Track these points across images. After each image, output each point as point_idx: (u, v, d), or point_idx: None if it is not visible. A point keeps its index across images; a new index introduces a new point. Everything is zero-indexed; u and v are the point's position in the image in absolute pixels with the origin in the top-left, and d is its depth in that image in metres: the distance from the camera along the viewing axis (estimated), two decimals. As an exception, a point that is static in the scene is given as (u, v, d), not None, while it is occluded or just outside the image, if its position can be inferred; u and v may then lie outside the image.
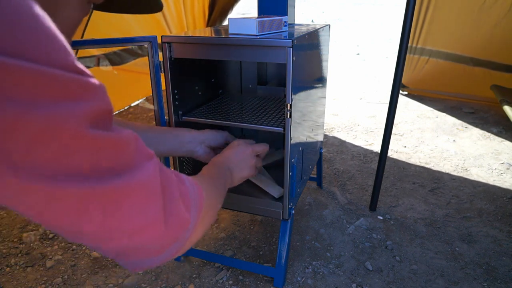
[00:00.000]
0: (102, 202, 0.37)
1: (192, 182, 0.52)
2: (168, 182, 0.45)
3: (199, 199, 0.52)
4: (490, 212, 1.73)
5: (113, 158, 0.37)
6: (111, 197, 0.37)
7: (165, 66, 1.18)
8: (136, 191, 0.39)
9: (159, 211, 0.42)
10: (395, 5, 12.94)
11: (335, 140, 2.57)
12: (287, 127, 1.11)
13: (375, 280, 1.34)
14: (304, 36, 1.14)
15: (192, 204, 0.49)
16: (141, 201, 0.40)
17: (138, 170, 0.40)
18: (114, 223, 0.39)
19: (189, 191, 0.50)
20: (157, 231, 0.43)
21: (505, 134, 2.64)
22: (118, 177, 0.37)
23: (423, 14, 3.10)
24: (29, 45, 0.30)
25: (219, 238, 1.56)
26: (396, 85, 1.48)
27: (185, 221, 0.47)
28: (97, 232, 0.38)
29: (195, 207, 0.50)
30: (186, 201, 0.48)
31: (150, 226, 0.42)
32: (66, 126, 0.32)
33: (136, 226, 0.40)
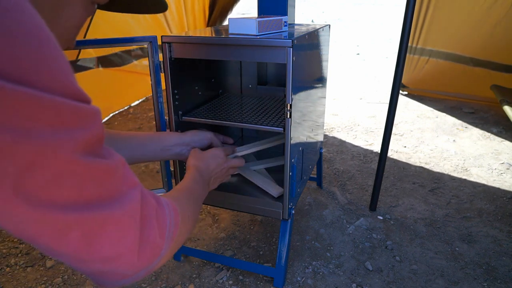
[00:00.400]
0: (83, 229, 0.37)
1: (169, 205, 0.53)
2: (148, 209, 0.46)
3: (175, 223, 0.53)
4: (490, 212, 1.73)
5: (100, 186, 0.38)
6: (93, 225, 0.38)
7: (165, 66, 1.18)
8: (117, 221, 0.40)
9: (135, 241, 0.43)
10: (395, 5, 12.94)
11: (335, 140, 2.57)
12: (287, 127, 1.11)
13: (375, 280, 1.34)
14: (304, 36, 1.14)
15: (167, 230, 0.50)
16: (120, 231, 0.41)
17: (122, 200, 0.40)
18: (91, 249, 0.39)
19: (166, 216, 0.50)
20: (131, 259, 0.43)
21: (505, 134, 2.64)
22: (102, 206, 0.38)
23: (423, 14, 3.10)
24: (31, 70, 0.30)
25: (219, 238, 1.56)
26: (396, 85, 1.48)
27: (158, 249, 0.48)
28: (74, 255, 0.39)
29: (170, 233, 0.51)
30: (161, 227, 0.49)
31: (125, 255, 0.42)
32: (59, 155, 0.32)
33: (112, 254, 0.41)
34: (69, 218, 0.35)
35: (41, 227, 0.35)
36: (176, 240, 0.54)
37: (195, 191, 0.81)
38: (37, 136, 0.30)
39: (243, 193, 1.34)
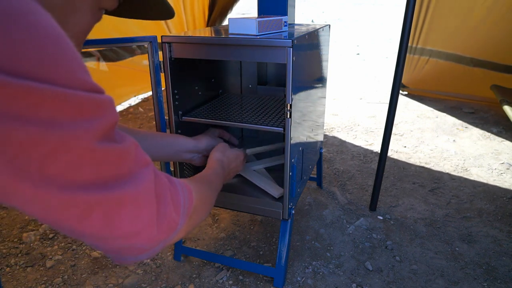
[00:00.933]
0: (103, 208, 0.40)
1: (182, 185, 0.56)
2: (161, 187, 0.48)
3: (188, 201, 0.56)
4: (490, 212, 1.73)
5: (116, 168, 0.40)
6: (112, 204, 0.40)
7: (165, 66, 1.18)
8: (134, 199, 0.43)
9: (153, 216, 0.46)
10: (395, 5, 12.94)
11: (335, 140, 2.57)
12: (287, 127, 1.11)
13: (375, 280, 1.34)
14: (304, 36, 1.14)
15: (182, 206, 0.52)
16: (137, 208, 0.43)
17: (136, 179, 0.43)
18: (113, 227, 0.42)
19: (180, 194, 0.53)
20: (150, 234, 0.46)
21: (505, 134, 2.64)
22: (119, 185, 0.41)
23: (423, 14, 3.10)
24: (51, 68, 0.33)
25: (219, 238, 1.56)
26: (396, 85, 1.48)
27: (174, 223, 0.50)
28: (96, 234, 0.42)
29: (185, 209, 0.54)
30: (176, 204, 0.51)
31: (144, 229, 0.45)
32: (79, 143, 0.35)
33: (132, 230, 0.44)
34: (91, 199, 0.38)
35: (66, 209, 0.37)
36: (191, 217, 0.57)
37: (213, 181, 0.85)
38: (59, 128, 0.34)
39: (243, 193, 1.34)
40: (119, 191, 0.41)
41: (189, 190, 0.58)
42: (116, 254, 0.46)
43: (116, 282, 1.34)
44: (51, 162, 0.34)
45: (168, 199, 0.49)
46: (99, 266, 1.42)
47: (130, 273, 1.38)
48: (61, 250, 1.50)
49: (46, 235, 1.59)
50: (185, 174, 1.38)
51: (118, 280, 1.35)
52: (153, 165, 0.48)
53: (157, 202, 0.46)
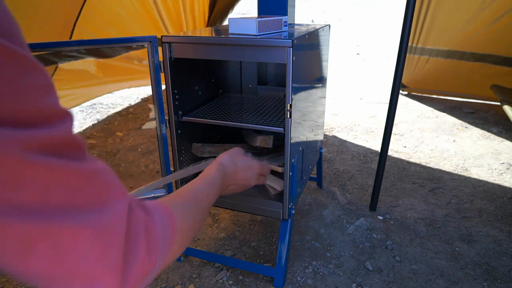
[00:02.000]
0: (52, 241, 0.32)
1: (163, 213, 0.48)
2: (136, 224, 0.41)
3: (170, 229, 0.48)
4: (490, 212, 1.73)
5: (74, 192, 0.33)
6: (64, 237, 0.33)
7: (165, 66, 1.18)
8: (95, 235, 0.35)
9: (117, 260, 0.38)
10: (395, 5, 12.94)
11: (335, 140, 2.57)
12: (287, 127, 1.11)
13: (375, 280, 1.34)
14: (304, 36, 1.14)
15: (160, 244, 0.45)
16: (99, 247, 0.35)
17: (103, 211, 0.36)
18: (64, 266, 0.34)
19: (158, 229, 0.45)
20: (113, 281, 0.38)
21: (505, 134, 2.64)
22: (76, 215, 0.33)
23: (423, 14, 3.10)
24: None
25: (219, 238, 1.56)
26: (396, 85, 1.48)
27: (147, 267, 0.42)
28: (46, 274, 0.34)
29: (165, 242, 0.46)
30: (151, 243, 0.43)
31: (105, 275, 0.37)
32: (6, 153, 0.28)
33: (90, 272, 0.36)
34: (34, 228, 0.31)
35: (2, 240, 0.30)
36: (174, 248, 0.50)
37: (204, 197, 0.72)
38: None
39: (243, 193, 1.33)
40: (76, 222, 0.33)
41: (171, 218, 0.49)
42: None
43: (116, 282, 1.34)
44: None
45: (141, 238, 0.41)
46: (99, 266, 1.42)
47: (130, 273, 1.38)
48: (61, 250, 1.50)
49: (46, 235, 1.59)
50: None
51: (118, 280, 1.35)
52: (130, 197, 0.41)
53: (126, 244, 0.38)
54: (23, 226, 0.30)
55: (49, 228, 0.31)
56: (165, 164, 1.30)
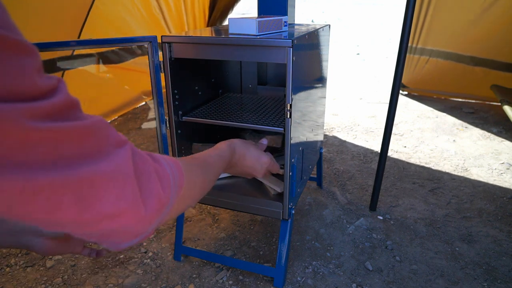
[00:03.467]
0: (74, 190, 0.36)
1: (169, 161, 0.52)
2: (143, 164, 0.45)
3: (179, 175, 0.53)
4: (490, 212, 1.73)
5: (81, 146, 0.37)
6: (83, 185, 0.37)
7: (165, 66, 1.18)
8: (108, 178, 0.39)
9: (135, 194, 0.42)
10: (395, 5, 12.94)
11: (335, 140, 2.57)
12: (287, 127, 1.11)
13: (375, 280, 1.34)
14: (304, 36, 1.14)
15: (171, 180, 0.49)
16: (115, 187, 0.40)
17: (108, 158, 0.40)
18: (91, 210, 0.38)
19: (167, 170, 0.50)
20: (137, 213, 0.43)
21: (505, 134, 2.64)
22: (86, 164, 0.37)
23: (423, 14, 3.10)
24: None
25: (219, 238, 1.56)
26: (396, 85, 1.48)
27: (164, 199, 0.47)
28: (76, 220, 0.38)
29: (175, 182, 0.51)
30: (163, 179, 0.48)
31: (129, 209, 0.42)
32: (13, 124, 0.31)
33: (115, 211, 0.40)
34: (54, 182, 0.35)
35: (29, 199, 0.34)
36: (182, 196, 0.54)
37: (212, 164, 0.76)
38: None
39: (243, 193, 1.34)
40: (88, 170, 0.37)
41: (178, 166, 0.54)
42: (106, 239, 0.44)
43: (116, 282, 1.34)
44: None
45: (152, 175, 0.46)
46: (99, 266, 1.42)
47: (130, 273, 1.38)
48: (61, 250, 1.50)
49: (46, 235, 1.59)
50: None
51: (118, 280, 1.35)
52: (132, 145, 0.45)
53: (138, 180, 0.43)
54: (43, 181, 0.34)
55: (66, 179, 0.35)
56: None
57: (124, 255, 1.48)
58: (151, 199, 0.45)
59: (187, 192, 0.56)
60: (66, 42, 1.10)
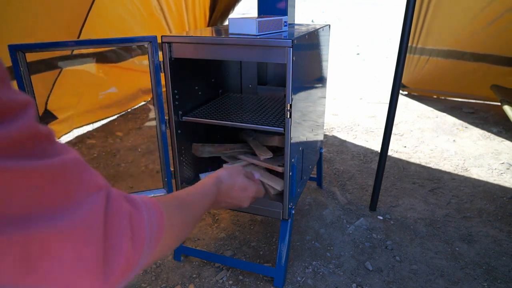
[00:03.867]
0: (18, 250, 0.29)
1: (149, 206, 0.45)
2: (118, 216, 0.37)
3: (157, 227, 0.46)
4: (490, 212, 1.73)
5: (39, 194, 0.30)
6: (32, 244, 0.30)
7: (165, 66, 1.18)
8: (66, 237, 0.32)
9: (97, 259, 0.35)
10: (395, 5, 12.94)
11: (335, 140, 2.57)
12: (287, 127, 1.11)
13: (375, 280, 1.34)
14: (304, 36, 1.14)
15: (146, 236, 0.42)
16: (73, 248, 0.32)
17: (74, 209, 0.32)
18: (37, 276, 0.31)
19: (144, 220, 0.42)
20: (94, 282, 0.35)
21: (505, 134, 2.64)
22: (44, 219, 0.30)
23: (423, 14, 3.10)
24: None
25: (219, 238, 1.56)
26: (396, 85, 1.48)
27: (132, 261, 0.39)
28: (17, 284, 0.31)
29: (150, 239, 0.43)
30: (137, 235, 0.40)
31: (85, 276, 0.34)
32: None
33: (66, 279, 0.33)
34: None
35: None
36: (161, 245, 0.47)
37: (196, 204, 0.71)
38: None
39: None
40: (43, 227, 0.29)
41: (159, 212, 0.47)
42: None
43: (116, 282, 1.34)
44: None
45: (126, 231, 0.38)
46: (99, 266, 1.42)
47: (130, 273, 1.38)
48: (61, 250, 1.50)
49: (46, 235, 1.59)
50: (185, 174, 1.38)
51: (118, 280, 1.35)
52: (109, 188, 0.38)
53: (106, 240, 0.35)
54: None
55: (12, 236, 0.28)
56: (165, 164, 1.30)
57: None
58: (116, 262, 0.37)
59: (164, 241, 0.49)
60: (66, 42, 1.10)
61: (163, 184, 1.36)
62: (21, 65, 1.03)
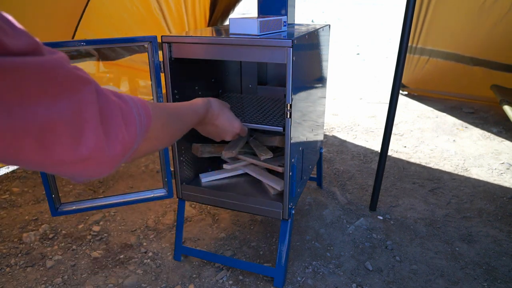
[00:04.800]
0: (33, 134, 0.35)
1: (136, 102, 0.51)
2: (108, 106, 0.43)
3: (146, 118, 0.51)
4: (490, 212, 1.73)
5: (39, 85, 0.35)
6: (43, 129, 0.35)
7: (165, 66, 1.18)
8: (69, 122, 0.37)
9: (99, 138, 0.41)
10: (395, 5, 12.94)
11: (335, 140, 2.57)
12: (287, 127, 1.11)
13: (375, 280, 1.34)
14: (304, 36, 1.14)
15: (136, 124, 0.48)
16: (76, 131, 0.38)
17: (70, 99, 0.37)
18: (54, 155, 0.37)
19: (133, 111, 0.48)
20: (100, 158, 0.42)
21: (505, 134, 2.64)
22: (47, 107, 0.35)
23: (423, 14, 3.10)
24: None
25: (219, 238, 1.56)
26: (396, 85, 1.48)
27: (128, 144, 0.46)
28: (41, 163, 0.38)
29: (141, 126, 0.49)
30: (128, 121, 0.46)
31: (92, 154, 0.41)
32: None
33: (78, 156, 0.39)
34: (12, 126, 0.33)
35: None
36: (149, 138, 0.53)
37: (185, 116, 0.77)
38: None
39: (243, 193, 1.34)
40: (47, 113, 0.35)
41: (146, 108, 0.52)
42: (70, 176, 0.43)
43: (116, 282, 1.34)
44: None
45: (118, 117, 0.44)
46: (99, 266, 1.42)
47: (130, 273, 1.38)
48: (61, 250, 1.50)
49: (46, 235, 1.59)
50: (185, 174, 1.38)
51: (118, 280, 1.35)
52: (97, 84, 0.42)
53: (103, 123, 0.41)
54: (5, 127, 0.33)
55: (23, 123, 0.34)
56: (165, 164, 1.30)
57: (124, 255, 1.48)
58: (115, 143, 0.43)
59: (154, 134, 0.56)
60: (67, 42, 1.10)
61: (163, 184, 1.36)
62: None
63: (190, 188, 1.34)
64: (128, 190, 1.94)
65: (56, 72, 0.37)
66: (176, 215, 1.45)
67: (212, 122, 0.96)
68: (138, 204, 1.79)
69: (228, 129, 1.02)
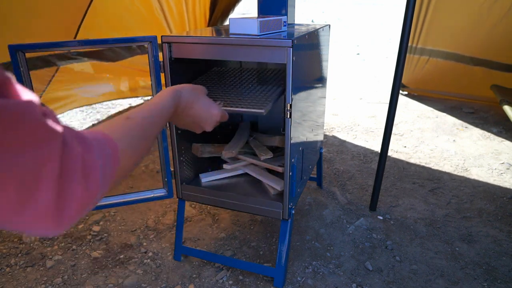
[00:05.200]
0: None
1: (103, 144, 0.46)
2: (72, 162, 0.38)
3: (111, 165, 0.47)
4: (490, 212, 1.73)
5: None
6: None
7: (165, 66, 1.18)
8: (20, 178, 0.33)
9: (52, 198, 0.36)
10: (395, 5, 12.94)
11: (335, 140, 2.57)
12: (287, 127, 1.11)
13: (375, 280, 1.34)
14: (304, 36, 1.14)
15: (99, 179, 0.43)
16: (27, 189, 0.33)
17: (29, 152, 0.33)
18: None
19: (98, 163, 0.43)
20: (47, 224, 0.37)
21: (505, 134, 2.64)
22: None
23: (423, 14, 3.10)
24: None
25: (219, 238, 1.56)
26: (396, 85, 1.48)
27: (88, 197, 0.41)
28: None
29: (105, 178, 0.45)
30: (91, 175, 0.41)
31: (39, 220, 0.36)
32: None
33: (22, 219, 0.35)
34: None
35: None
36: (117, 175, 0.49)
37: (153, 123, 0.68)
38: None
39: (243, 193, 1.34)
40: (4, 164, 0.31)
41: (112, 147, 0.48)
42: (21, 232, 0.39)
43: (116, 282, 1.34)
44: None
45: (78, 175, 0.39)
46: (99, 266, 1.42)
47: (130, 273, 1.38)
48: (61, 250, 1.50)
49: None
50: (185, 174, 1.38)
51: (118, 280, 1.35)
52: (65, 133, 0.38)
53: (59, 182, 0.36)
54: None
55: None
56: (165, 164, 1.30)
57: (124, 255, 1.48)
58: (70, 203, 0.38)
59: (124, 163, 0.51)
60: (67, 42, 1.10)
61: (163, 184, 1.36)
62: (21, 65, 1.03)
63: (190, 188, 1.34)
64: (128, 190, 1.94)
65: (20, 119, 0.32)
66: (176, 215, 1.45)
67: (186, 113, 0.85)
68: (138, 204, 1.79)
69: (206, 117, 0.89)
